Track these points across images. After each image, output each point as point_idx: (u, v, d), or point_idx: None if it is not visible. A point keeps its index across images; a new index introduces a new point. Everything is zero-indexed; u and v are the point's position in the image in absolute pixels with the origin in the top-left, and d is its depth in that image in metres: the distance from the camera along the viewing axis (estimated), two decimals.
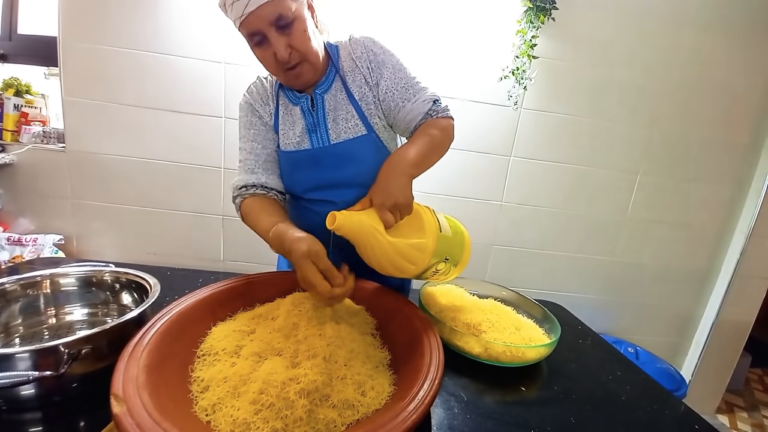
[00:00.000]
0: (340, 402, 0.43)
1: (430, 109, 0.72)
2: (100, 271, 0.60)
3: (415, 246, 0.59)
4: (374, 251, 0.58)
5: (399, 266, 0.59)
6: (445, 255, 0.64)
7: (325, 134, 0.74)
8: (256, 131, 0.77)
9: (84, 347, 0.46)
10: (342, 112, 0.74)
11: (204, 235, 1.53)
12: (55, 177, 1.44)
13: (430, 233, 0.60)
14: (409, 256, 0.59)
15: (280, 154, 0.77)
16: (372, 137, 0.74)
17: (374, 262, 0.60)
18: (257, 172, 0.75)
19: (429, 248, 0.59)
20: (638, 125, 1.57)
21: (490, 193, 1.58)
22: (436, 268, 0.64)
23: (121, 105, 1.41)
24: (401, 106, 0.72)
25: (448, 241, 0.64)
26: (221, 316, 0.62)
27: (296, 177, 0.78)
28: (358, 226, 0.58)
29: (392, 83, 0.72)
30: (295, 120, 0.75)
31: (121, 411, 0.38)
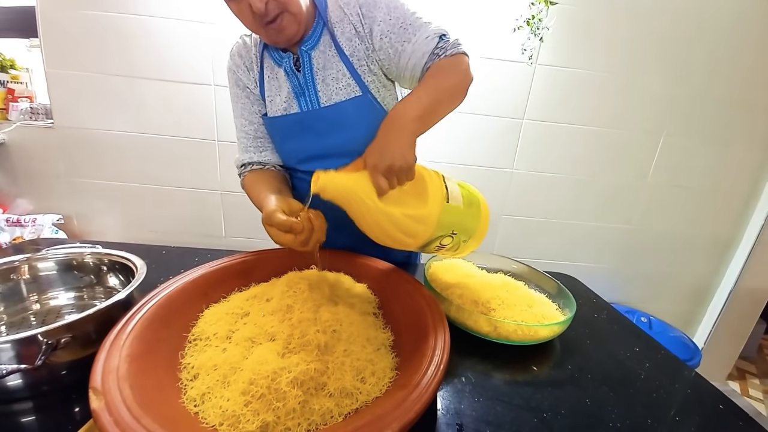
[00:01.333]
0: (337, 390, 0.40)
1: (437, 47, 0.61)
2: (81, 253, 0.56)
3: (413, 217, 0.52)
4: (365, 219, 0.52)
5: (395, 238, 0.53)
6: (452, 228, 0.56)
7: (314, 97, 0.67)
8: (242, 105, 0.71)
9: (64, 336, 0.44)
10: (332, 70, 0.65)
11: (204, 211, 1.50)
12: (47, 155, 1.40)
13: (433, 203, 0.52)
14: (407, 228, 0.52)
15: (267, 121, 0.70)
16: (367, 98, 0.66)
17: (367, 231, 0.54)
18: (249, 150, 0.72)
19: (431, 220, 0.52)
20: (664, 82, 1.43)
21: (499, 160, 1.49)
22: (440, 243, 0.57)
23: (105, 75, 1.34)
24: (400, 50, 0.62)
25: (458, 213, 0.56)
26: (215, 297, 0.59)
27: (287, 146, 0.72)
28: (344, 191, 0.51)
29: (387, 26, 0.61)
30: (281, 84, 0.68)
31: (99, 406, 0.35)
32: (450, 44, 0.61)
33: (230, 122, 1.38)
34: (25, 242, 1.27)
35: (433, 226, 0.52)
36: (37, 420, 0.44)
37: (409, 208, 0.52)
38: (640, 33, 1.37)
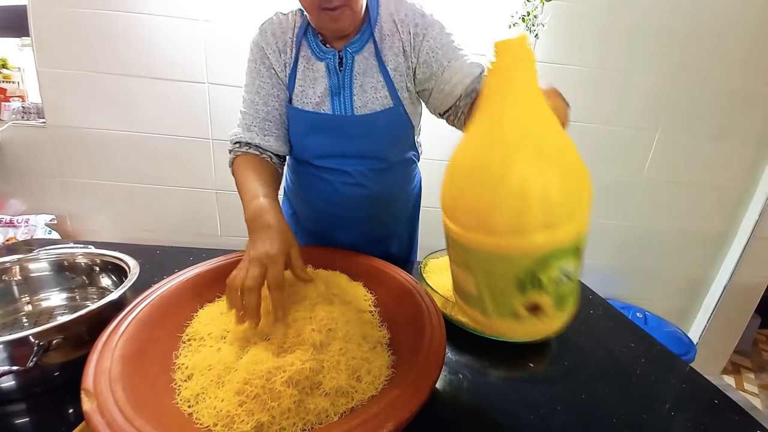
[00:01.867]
0: (333, 389, 0.40)
1: (481, 75, 0.62)
2: (73, 254, 0.56)
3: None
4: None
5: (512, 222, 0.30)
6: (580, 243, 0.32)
7: (348, 100, 0.67)
8: (261, 83, 0.68)
9: (56, 337, 0.43)
10: (371, 79, 0.66)
11: (199, 210, 1.49)
12: (39, 154, 1.39)
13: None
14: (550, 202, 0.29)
15: (293, 111, 0.69)
16: (399, 111, 0.67)
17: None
18: (253, 130, 0.68)
19: (584, 201, 0.32)
20: (659, 77, 1.43)
21: None
22: (563, 267, 0.31)
23: (97, 73, 1.32)
24: (446, 65, 0.63)
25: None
26: (209, 297, 0.59)
27: (309, 141, 0.71)
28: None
29: (437, 43, 0.63)
30: (318, 77, 0.67)
31: (91, 408, 0.34)
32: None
33: (224, 121, 1.40)
34: (18, 243, 1.25)
35: (584, 214, 0.32)
36: (30, 422, 0.43)
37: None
38: (635, 28, 1.37)
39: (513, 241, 0.29)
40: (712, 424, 0.49)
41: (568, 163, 0.30)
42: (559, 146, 0.31)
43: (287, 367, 0.40)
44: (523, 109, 0.31)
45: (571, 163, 0.31)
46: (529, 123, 0.30)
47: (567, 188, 0.30)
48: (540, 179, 0.29)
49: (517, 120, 0.30)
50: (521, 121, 0.30)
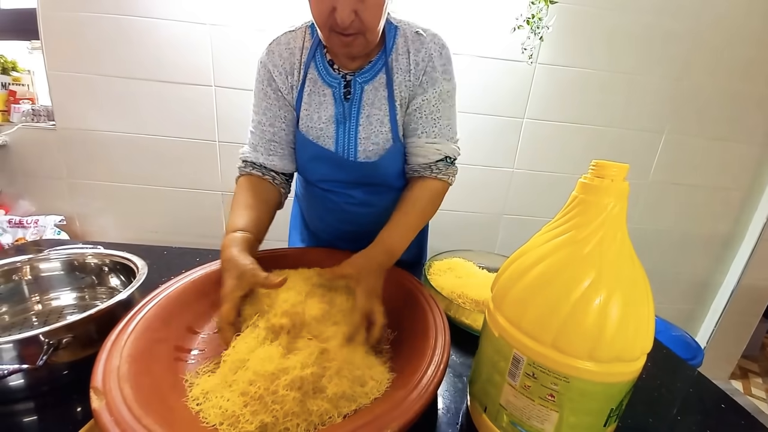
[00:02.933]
0: (336, 395, 0.40)
1: (436, 164, 0.67)
2: (83, 254, 0.56)
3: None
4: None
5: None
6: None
7: (354, 131, 0.66)
8: (267, 104, 0.67)
9: (65, 336, 0.44)
10: (377, 111, 0.65)
11: (205, 211, 1.50)
12: (48, 156, 1.41)
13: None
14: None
15: (299, 135, 0.68)
16: (398, 147, 0.67)
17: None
18: (258, 150, 0.68)
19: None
20: (666, 79, 1.42)
21: (500, 159, 1.49)
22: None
23: (106, 76, 1.34)
24: (417, 134, 0.66)
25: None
26: (215, 297, 0.59)
27: (311, 167, 0.72)
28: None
29: (426, 107, 0.64)
30: (324, 103, 0.65)
31: (100, 406, 0.35)
32: (446, 170, 0.67)
33: (231, 123, 1.42)
34: (27, 243, 1.27)
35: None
36: (38, 420, 0.44)
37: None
38: (640, 31, 1.37)
39: (620, 368, 0.33)
40: (719, 428, 0.49)
41: (650, 296, 0.35)
42: (645, 283, 0.35)
43: (290, 369, 0.40)
44: (620, 247, 0.34)
45: (650, 295, 0.35)
46: (624, 260, 0.34)
47: (652, 316, 0.35)
48: (638, 309, 0.33)
49: (614, 257, 0.33)
50: (618, 258, 0.34)
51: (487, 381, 0.40)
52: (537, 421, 0.35)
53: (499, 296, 0.39)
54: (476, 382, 0.43)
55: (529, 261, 0.36)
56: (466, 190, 1.50)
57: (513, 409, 0.37)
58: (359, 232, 0.79)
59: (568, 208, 0.36)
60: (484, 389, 0.41)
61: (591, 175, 0.35)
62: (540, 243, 0.37)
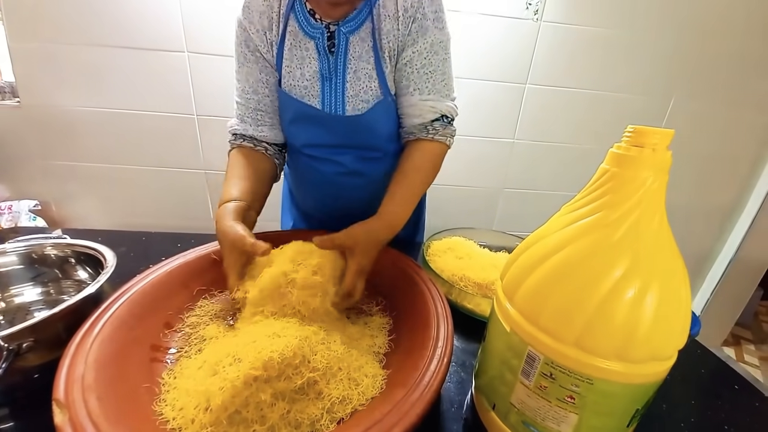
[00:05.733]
0: (331, 400, 0.36)
1: (432, 124, 0.62)
2: (42, 245, 0.51)
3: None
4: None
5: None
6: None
7: (340, 87, 0.60)
8: (248, 69, 0.61)
9: (26, 340, 0.39)
10: (364, 64, 0.59)
11: (188, 192, 1.42)
12: (15, 136, 1.30)
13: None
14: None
15: (282, 95, 0.62)
16: (388, 101, 0.61)
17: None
18: (246, 120, 0.63)
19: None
20: (676, 40, 1.33)
21: (500, 130, 1.41)
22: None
23: (70, 45, 1.21)
24: (409, 92, 0.60)
25: None
26: (196, 289, 0.55)
27: (295, 130, 0.66)
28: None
29: (418, 60, 0.58)
30: (306, 57, 0.59)
31: (63, 421, 0.31)
32: (444, 131, 0.62)
33: (208, 95, 1.31)
34: (5, 230, 1.21)
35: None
36: (13, 428, 0.40)
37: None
38: None
39: (652, 367, 0.29)
40: (712, 393, 0.48)
41: (687, 286, 0.30)
42: (683, 271, 0.30)
43: (272, 384, 0.35)
44: (657, 231, 0.29)
45: (688, 285, 0.30)
46: (663, 246, 0.29)
47: (689, 309, 0.30)
48: (676, 304, 0.28)
49: (652, 243, 0.28)
50: (656, 244, 0.29)
51: (496, 378, 0.36)
52: (553, 422, 0.31)
53: (511, 286, 0.34)
54: (483, 377, 0.40)
55: (548, 247, 0.31)
56: (463, 163, 1.43)
57: (526, 409, 0.33)
58: (351, 209, 0.74)
59: (595, 184, 0.31)
60: (492, 386, 0.37)
61: (626, 143, 0.29)
62: (560, 226, 0.32)
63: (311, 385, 0.37)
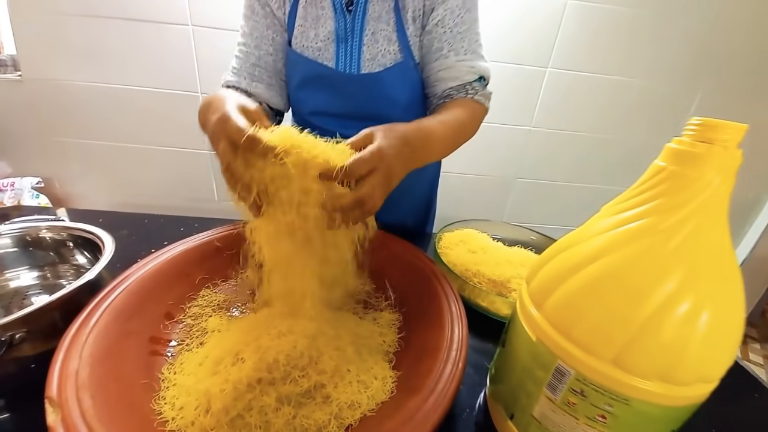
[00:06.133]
0: (339, 404, 0.34)
1: (471, 84, 0.56)
2: (37, 227, 0.48)
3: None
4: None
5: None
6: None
7: (357, 50, 0.56)
8: (254, 23, 0.58)
9: (18, 331, 0.37)
10: (384, 25, 0.55)
11: (193, 173, 1.39)
12: (17, 111, 1.27)
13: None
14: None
15: (291, 55, 0.59)
16: (410, 65, 0.57)
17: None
18: (242, 74, 0.60)
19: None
20: (708, 23, 1.24)
21: (517, 116, 1.35)
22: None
23: (72, 16, 1.16)
24: (443, 54, 0.55)
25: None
26: (198, 278, 0.52)
27: (305, 94, 0.62)
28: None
29: (450, 19, 0.53)
30: (322, 17, 0.56)
31: (55, 421, 0.29)
32: (482, 91, 0.57)
33: (213, 72, 1.26)
34: (9, 208, 1.19)
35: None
36: (9, 420, 0.38)
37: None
38: None
39: (697, 389, 0.26)
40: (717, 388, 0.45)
41: (743, 300, 0.26)
42: (740, 285, 0.26)
43: (276, 387, 0.33)
44: (720, 242, 0.26)
45: (743, 299, 0.26)
46: (724, 259, 0.26)
47: (743, 325, 0.27)
48: (731, 324, 0.25)
49: (712, 256, 0.25)
50: (717, 257, 0.25)
51: (516, 387, 0.34)
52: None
53: (539, 293, 0.31)
54: (500, 384, 0.37)
55: (586, 253, 0.28)
56: (475, 150, 1.38)
57: (549, 424, 0.31)
58: None
59: (646, 184, 0.27)
60: (512, 395, 0.35)
61: (690, 138, 0.25)
62: (600, 231, 0.29)
63: (318, 388, 0.34)
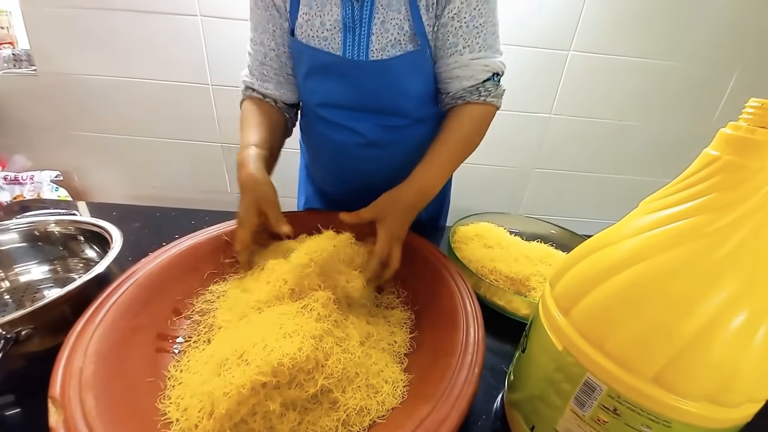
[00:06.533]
0: (347, 410, 0.33)
1: (483, 85, 0.54)
2: (45, 222, 0.48)
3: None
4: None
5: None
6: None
7: (365, 39, 0.53)
8: (258, 16, 0.56)
9: (24, 328, 0.37)
10: (395, 14, 0.51)
11: (205, 165, 1.40)
12: (34, 106, 1.30)
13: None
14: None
15: (295, 45, 0.56)
16: (425, 54, 0.54)
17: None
18: (254, 74, 0.59)
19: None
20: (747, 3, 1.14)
21: (535, 103, 1.29)
22: None
23: (83, 9, 1.17)
24: (459, 50, 0.52)
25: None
26: (207, 272, 0.52)
27: (312, 85, 0.60)
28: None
29: (467, 12, 0.50)
30: (328, 4, 0.53)
31: (57, 422, 0.28)
32: (494, 91, 0.56)
33: (223, 64, 1.24)
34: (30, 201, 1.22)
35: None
36: (18, 415, 0.38)
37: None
38: None
39: (745, 410, 0.23)
40: None
41: None
42: None
43: (282, 393, 0.31)
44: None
45: None
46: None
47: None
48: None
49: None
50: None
51: (538, 398, 0.31)
52: None
53: (566, 298, 0.28)
54: (520, 392, 0.35)
55: (621, 256, 0.25)
56: (491, 140, 1.32)
57: None
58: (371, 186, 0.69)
59: (695, 176, 0.24)
60: (532, 406, 0.32)
61: (748, 123, 0.22)
62: (638, 230, 0.25)
63: (325, 393, 0.33)
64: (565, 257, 0.31)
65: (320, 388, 0.33)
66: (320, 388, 0.33)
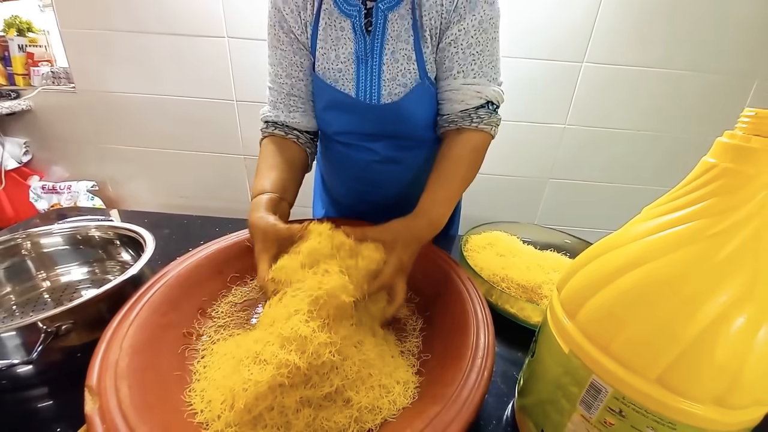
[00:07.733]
0: (359, 408, 0.34)
1: (477, 111, 0.56)
2: (86, 227, 0.52)
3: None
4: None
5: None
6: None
7: (377, 70, 0.56)
8: (282, 52, 0.59)
9: (64, 323, 0.40)
10: (403, 44, 0.54)
11: (229, 176, 1.47)
12: (73, 120, 1.40)
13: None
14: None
15: (316, 80, 0.60)
16: (425, 85, 0.57)
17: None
18: (279, 107, 0.62)
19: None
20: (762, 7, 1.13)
21: (550, 114, 1.29)
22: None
23: (118, 32, 1.27)
24: (452, 74, 0.55)
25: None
26: (230, 274, 0.54)
27: (328, 117, 0.63)
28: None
29: (464, 40, 0.53)
30: (341, 38, 0.56)
31: (93, 409, 0.31)
32: (489, 119, 0.56)
33: (247, 81, 1.32)
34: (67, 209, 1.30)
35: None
36: (54, 406, 0.41)
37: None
38: None
39: (752, 413, 0.24)
40: None
41: None
42: None
43: (304, 389, 0.33)
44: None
45: None
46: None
47: None
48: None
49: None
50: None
51: (547, 402, 0.32)
52: None
53: (572, 301, 0.29)
54: (530, 397, 0.35)
55: (625, 259, 0.26)
56: (505, 150, 1.34)
57: None
58: (385, 197, 0.71)
59: (694, 183, 0.25)
60: (542, 410, 0.33)
61: (744, 131, 0.23)
62: (641, 234, 0.26)
63: (339, 392, 0.34)
64: (571, 262, 0.32)
65: (335, 388, 0.34)
66: (335, 388, 0.34)
